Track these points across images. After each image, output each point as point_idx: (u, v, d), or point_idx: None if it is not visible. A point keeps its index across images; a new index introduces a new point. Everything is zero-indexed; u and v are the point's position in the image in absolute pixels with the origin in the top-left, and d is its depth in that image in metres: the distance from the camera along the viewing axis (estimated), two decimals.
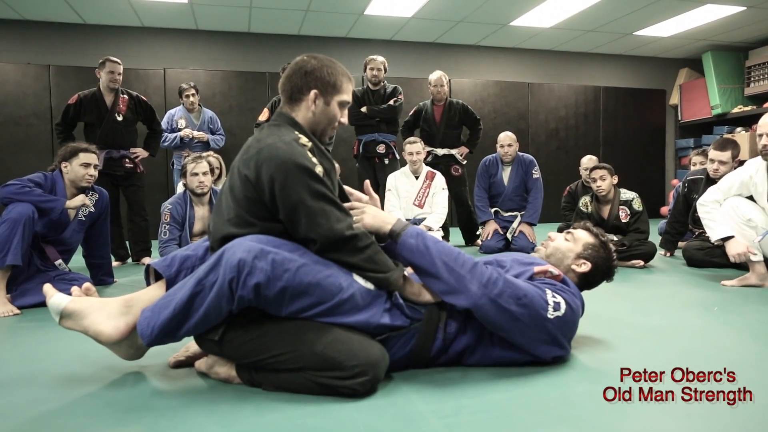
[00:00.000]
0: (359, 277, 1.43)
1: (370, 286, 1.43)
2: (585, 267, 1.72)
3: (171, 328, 1.37)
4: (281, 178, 1.39)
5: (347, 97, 1.62)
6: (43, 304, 2.55)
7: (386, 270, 1.44)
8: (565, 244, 1.78)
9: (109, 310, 1.48)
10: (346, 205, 1.49)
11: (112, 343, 1.48)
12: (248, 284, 1.30)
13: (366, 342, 1.37)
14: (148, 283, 1.64)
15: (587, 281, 1.76)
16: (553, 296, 1.47)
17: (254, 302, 1.34)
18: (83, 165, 2.85)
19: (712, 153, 3.53)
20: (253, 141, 1.52)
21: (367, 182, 1.54)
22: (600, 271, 1.75)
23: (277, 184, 1.40)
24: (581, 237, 1.78)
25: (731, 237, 2.81)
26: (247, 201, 1.46)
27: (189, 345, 1.67)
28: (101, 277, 3.14)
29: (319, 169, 1.44)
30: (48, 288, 1.50)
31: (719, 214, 2.91)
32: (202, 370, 1.56)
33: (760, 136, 2.74)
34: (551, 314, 1.45)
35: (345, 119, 1.63)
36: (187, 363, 1.64)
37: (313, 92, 1.56)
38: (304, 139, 1.50)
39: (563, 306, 1.48)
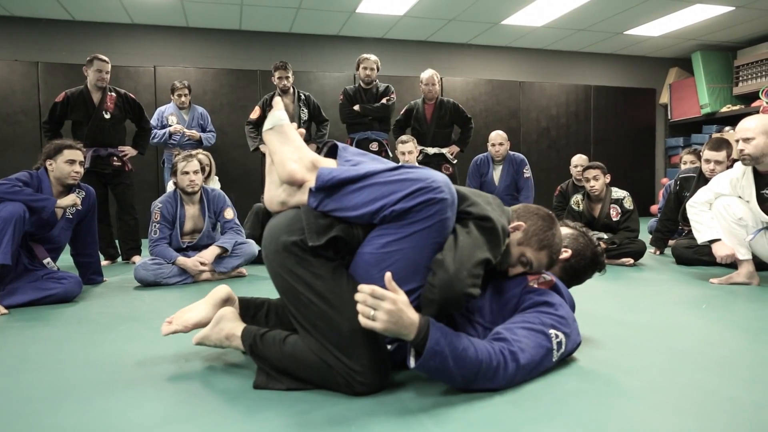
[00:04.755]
0: None
1: None
2: (566, 254, 1.75)
3: (345, 183, 1.37)
4: (487, 225, 1.39)
5: (536, 262, 1.60)
6: (31, 303, 2.55)
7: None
8: None
9: (303, 155, 1.48)
10: (365, 287, 1.26)
11: (282, 178, 1.47)
12: (424, 204, 1.30)
13: (383, 353, 1.38)
14: None
15: (574, 272, 1.77)
16: (556, 336, 1.46)
17: (399, 219, 1.32)
18: (68, 162, 2.82)
19: (708, 153, 3.55)
20: (488, 197, 1.53)
21: (389, 275, 1.30)
22: (585, 258, 1.77)
23: (480, 222, 1.39)
24: (560, 229, 1.82)
25: (718, 239, 2.86)
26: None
27: (184, 311, 1.68)
28: (90, 276, 3.12)
29: (497, 254, 1.43)
30: (278, 100, 1.59)
31: (707, 216, 2.94)
32: (202, 335, 1.59)
33: (737, 141, 2.77)
34: (556, 357, 1.47)
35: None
36: (180, 332, 1.65)
37: (522, 226, 1.55)
38: (509, 241, 1.52)
39: (564, 342, 1.48)
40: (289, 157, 1.47)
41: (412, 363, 1.29)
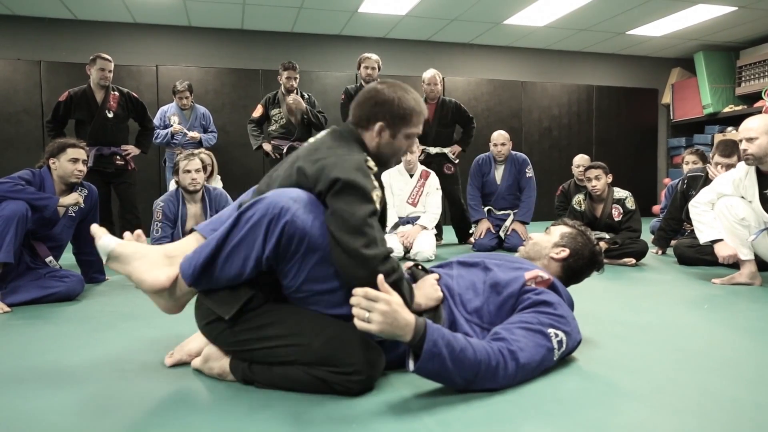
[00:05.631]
0: None
1: None
2: (563, 253, 1.74)
3: (209, 264, 1.38)
4: (338, 187, 1.36)
5: (416, 129, 1.60)
6: (33, 301, 2.56)
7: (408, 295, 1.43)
8: (543, 238, 1.82)
9: (153, 259, 1.49)
10: (359, 290, 1.27)
11: (152, 293, 1.49)
12: (286, 231, 1.30)
13: (364, 341, 1.37)
14: None
15: (572, 271, 1.76)
16: (556, 335, 1.46)
17: (280, 253, 1.32)
18: (71, 160, 2.83)
19: (719, 159, 3.51)
20: (323, 145, 1.50)
21: (381, 278, 1.29)
22: (582, 257, 1.76)
23: (332, 191, 1.37)
24: (558, 229, 1.83)
25: (720, 240, 2.85)
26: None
27: (184, 344, 1.67)
28: (92, 275, 3.12)
29: (377, 194, 1.42)
30: (96, 228, 1.53)
31: (710, 216, 2.93)
32: (197, 366, 1.56)
33: (740, 141, 2.77)
34: (557, 356, 1.47)
35: (412, 149, 1.64)
36: (184, 363, 1.63)
37: (379, 124, 1.55)
38: (371, 163, 1.49)
39: (564, 340, 1.48)
40: (142, 271, 1.47)
41: (411, 366, 1.28)
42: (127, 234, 1.57)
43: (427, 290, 1.54)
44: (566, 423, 1.21)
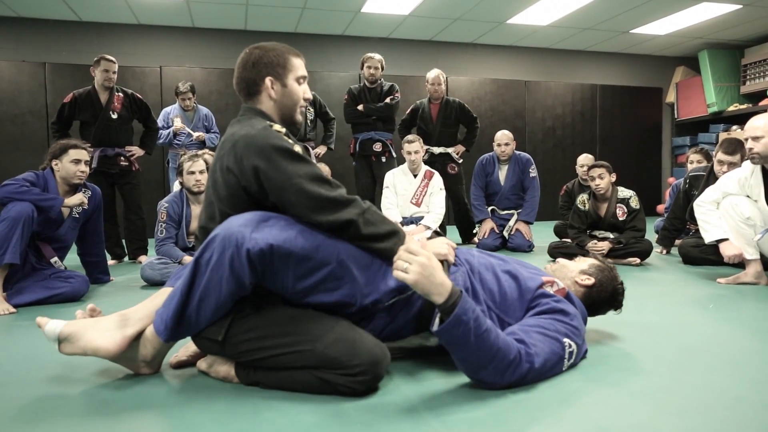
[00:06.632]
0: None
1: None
2: (588, 281, 1.74)
3: (180, 315, 1.37)
4: (264, 165, 1.41)
5: (302, 71, 1.63)
6: (39, 302, 2.57)
7: (393, 226, 1.44)
8: (571, 263, 1.83)
9: (104, 325, 1.48)
10: (403, 246, 1.31)
11: (112, 357, 1.48)
12: (252, 257, 1.29)
13: (368, 341, 1.37)
14: None
15: (592, 301, 1.75)
16: (569, 345, 1.47)
17: (259, 275, 1.32)
18: (74, 161, 2.84)
19: (722, 156, 3.49)
20: (227, 136, 1.52)
21: (424, 240, 1.36)
22: (605, 290, 1.75)
23: (261, 172, 1.41)
24: (588, 259, 1.84)
25: (725, 239, 2.84)
26: (231, 198, 1.46)
27: (189, 344, 1.67)
28: (97, 276, 3.13)
29: (297, 148, 1.45)
30: (40, 319, 1.50)
31: (714, 216, 2.92)
32: (203, 369, 1.56)
33: (746, 140, 2.75)
34: (566, 366, 1.48)
35: (308, 94, 1.65)
36: (189, 363, 1.64)
37: (267, 80, 1.58)
38: (277, 126, 1.52)
39: (575, 352, 1.49)
40: (95, 339, 1.45)
41: (435, 326, 1.29)
42: (78, 312, 1.54)
43: (435, 245, 1.54)
44: (572, 424, 1.21)
